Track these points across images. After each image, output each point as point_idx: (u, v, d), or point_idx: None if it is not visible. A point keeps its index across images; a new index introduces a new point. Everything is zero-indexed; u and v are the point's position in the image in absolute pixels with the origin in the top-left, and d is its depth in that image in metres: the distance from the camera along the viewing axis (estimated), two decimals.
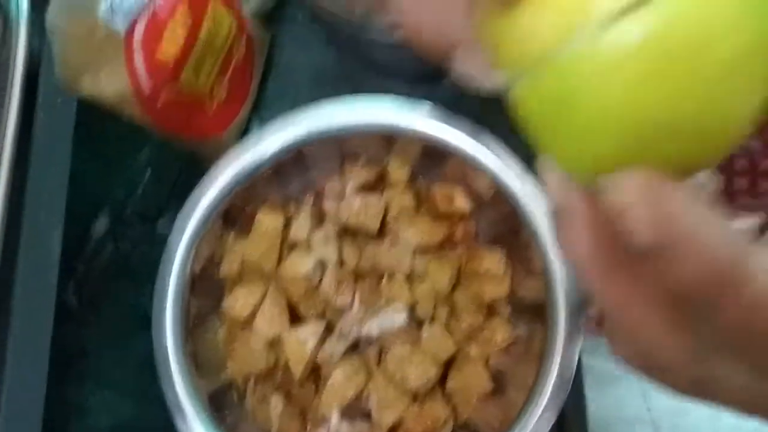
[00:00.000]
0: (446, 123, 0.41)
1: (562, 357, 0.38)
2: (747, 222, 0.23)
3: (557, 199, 0.18)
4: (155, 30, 0.39)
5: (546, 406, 0.37)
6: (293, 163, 0.43)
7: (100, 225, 0.45)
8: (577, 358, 0.39)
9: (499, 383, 0.42)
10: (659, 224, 0.16)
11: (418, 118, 0.41)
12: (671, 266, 0.17)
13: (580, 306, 0.39)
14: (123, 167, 0.47)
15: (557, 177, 0.18)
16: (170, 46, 0.39)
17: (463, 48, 0.18)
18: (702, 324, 0.18)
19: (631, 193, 0.16)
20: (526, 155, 0.47)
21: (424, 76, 0.51)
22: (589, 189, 0.18)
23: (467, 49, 0.18)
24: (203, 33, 0.41)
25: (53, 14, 0.35)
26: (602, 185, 0.17)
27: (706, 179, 0.23)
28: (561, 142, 0.17)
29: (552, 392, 0.38)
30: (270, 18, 0.51)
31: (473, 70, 0.18)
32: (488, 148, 0.41)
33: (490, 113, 0.50)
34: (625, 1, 0.15)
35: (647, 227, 0.16)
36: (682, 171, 0.17)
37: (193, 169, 0.44)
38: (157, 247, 0.41)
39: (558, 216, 0.18)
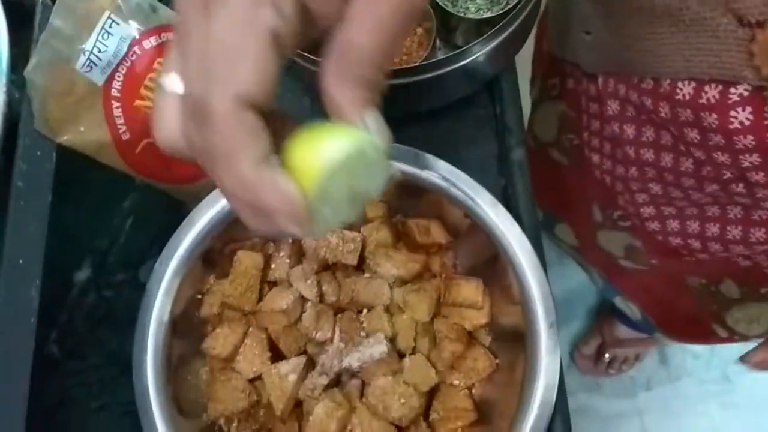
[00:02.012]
0: (419, 161, 0.42)
1: (545, 385, 0.38)
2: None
3: None
4: (133, 81, 0.40)
5: None
6: None
7: (83, 274, 0.46)
8: (557, 384, 0.39)
9: (483, 412, 0.42)
10: None
11: (392, 158, 0.42)
12: None
13: (557, 329, 0.40)
14: (106, 216, 0.48)
15: None
16: (148, 95, 0.41)
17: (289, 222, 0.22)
18: None
19: None
20: (496, 188, 0.49)
21: (396, 116, 0.53)
22: None
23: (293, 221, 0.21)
24: None
25: (32, 70, 0.37)
26: None
27: None
28: None
29: (535, 420, 0.38)
30: None
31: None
32: (460, 181, 0.42)
33: (460, 150, 0.52)
34: None
35: None
36: None
37: (176, 214, 0.44)
38: (140, 293, 0.41)
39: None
